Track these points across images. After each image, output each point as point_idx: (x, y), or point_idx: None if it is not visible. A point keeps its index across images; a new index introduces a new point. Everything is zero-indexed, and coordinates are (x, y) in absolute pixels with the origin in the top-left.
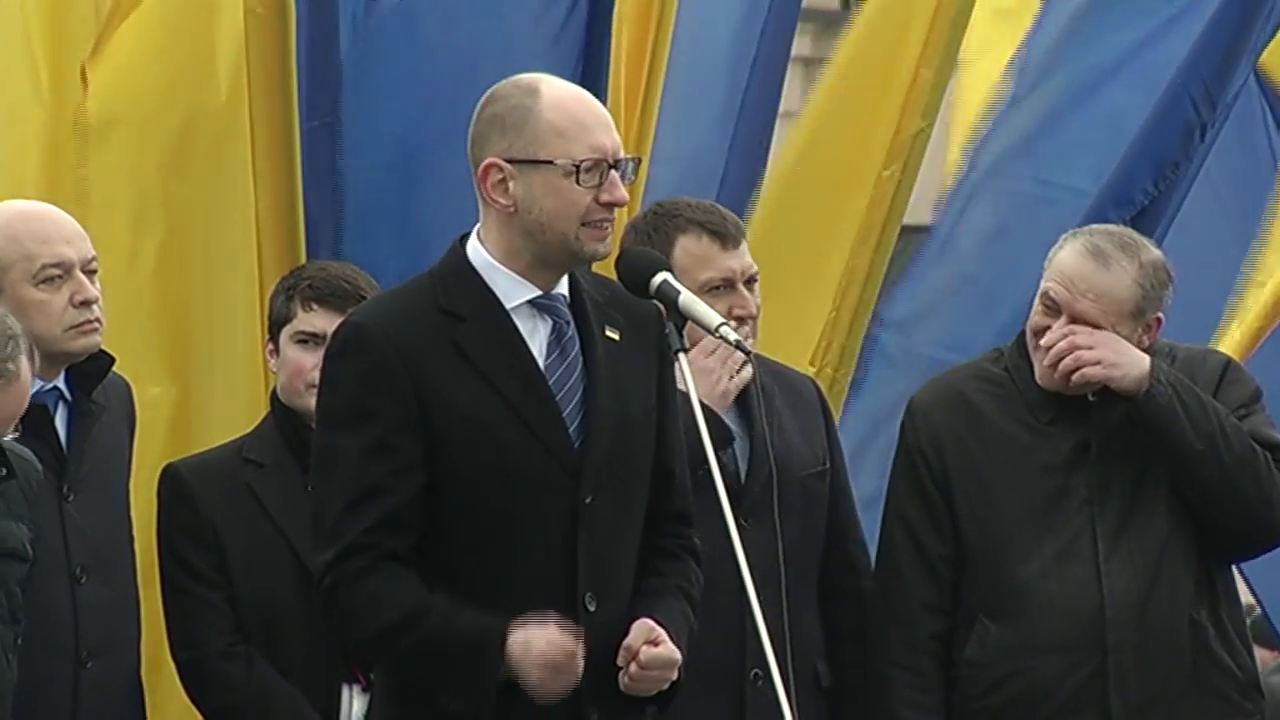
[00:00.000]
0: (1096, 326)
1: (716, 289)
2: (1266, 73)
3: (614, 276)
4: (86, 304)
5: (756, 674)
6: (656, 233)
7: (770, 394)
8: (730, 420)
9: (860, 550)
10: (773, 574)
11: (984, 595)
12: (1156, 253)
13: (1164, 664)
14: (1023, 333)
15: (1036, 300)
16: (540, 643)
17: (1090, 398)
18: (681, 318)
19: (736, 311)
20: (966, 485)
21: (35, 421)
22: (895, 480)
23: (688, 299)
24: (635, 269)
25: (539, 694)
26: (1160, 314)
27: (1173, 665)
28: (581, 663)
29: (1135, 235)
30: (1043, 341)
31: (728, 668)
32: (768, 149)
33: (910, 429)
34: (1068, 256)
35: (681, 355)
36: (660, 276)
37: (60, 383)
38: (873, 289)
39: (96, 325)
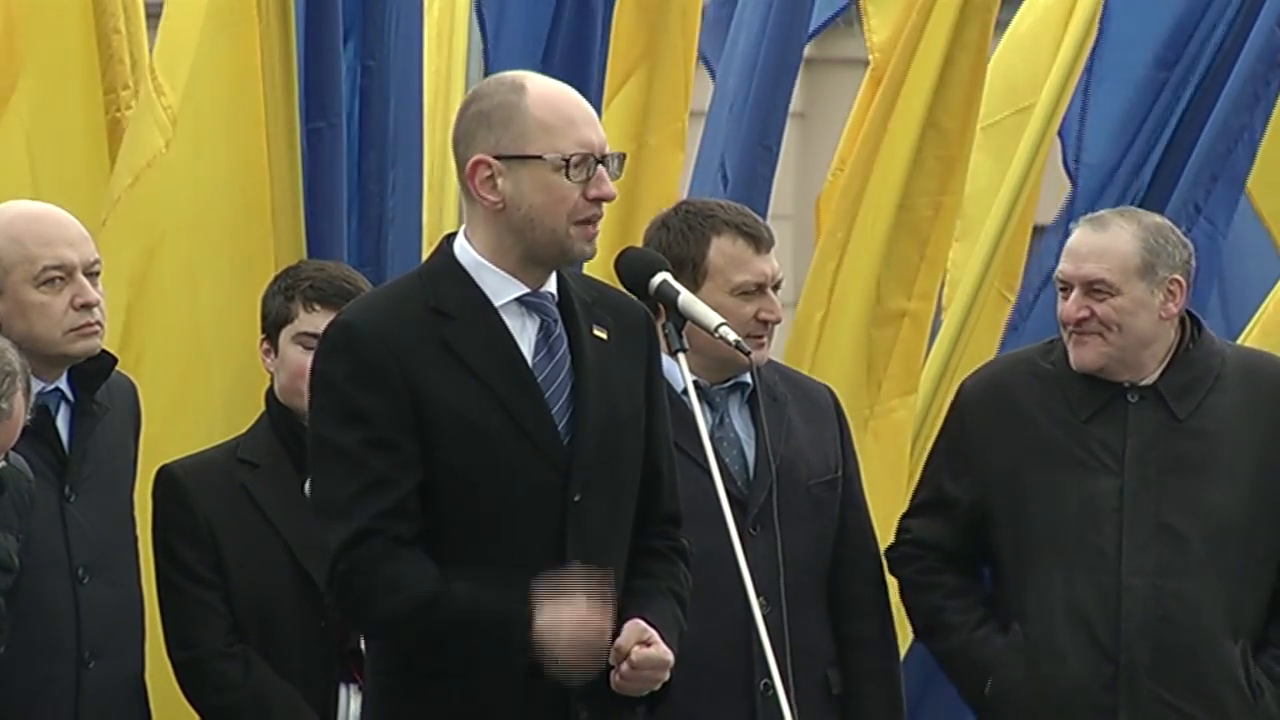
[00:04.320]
0: (1111, 292)
1: (749, 292)
2: None
3: (613, 275)
4: (87, 306)
5: (766, 684)
6: (691, 231)
7: (783, 401)
8: (738, 428)
9: (871, 560)
10: (780, 582)
11: (1015, 598)
12: (1161, 219)
13: (1180, 686)
14: None
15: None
16: (570, 623)
17: (1130, 399)
18: (681, 318)
19: (764, 315)
20: (1004, 488)
21: (37, 422)
22: (930, 463)
23: (687, 299)
24: (635, 269)
25: (567, 673)
26: (1178, 277)
27: (1190, 689)
28: (610, 638)
29: (1139, 209)
30: (1060, 313)
31: (737, 677)
32: (776, 152)
33: (959, 424)
34: (1071, 236)
35: (681, 355)
36: (660, 276)
37: (62, 383)
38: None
39: (97, 328)
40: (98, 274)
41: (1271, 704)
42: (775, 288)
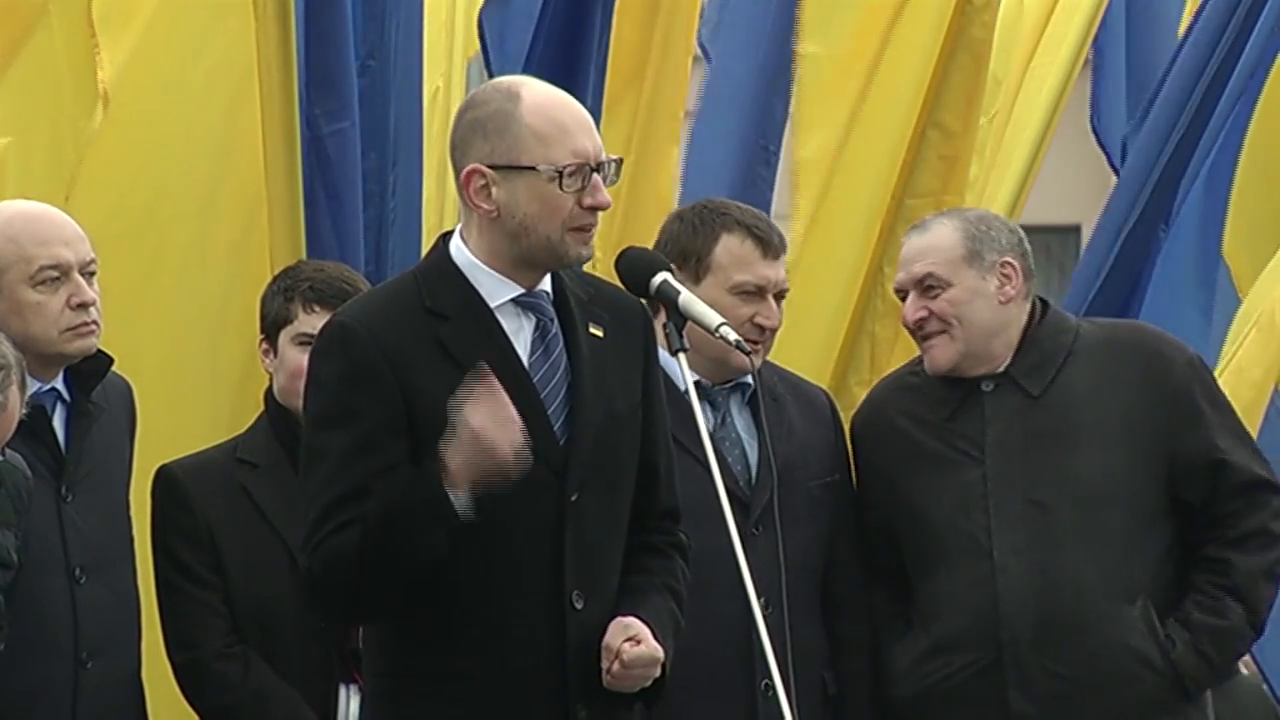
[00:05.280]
0: (941, 285)
1: (747, 293)
2: None
3: (614, 275)
4: (84, 306)
5: (767, 684)
6: (702, 225)
7: (783, 402)
8: (740, 428)
9: (861, 564)
10: (781, 582)
11: (915, 601)
12: (987, 212)
13: (1071, 660)
14: None
15: None
16: (472, 429)
17: (984, 388)
18: (681, 317)
19: (760, 320)
20: (892, 503)
21: (33, 422)
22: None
23: (687, 299)
24: (635, 268)
25: (494, 464)
26: (1010, 259)
27: (1082, 662)
28: (511, 408)
29: (963, 209)
30: (902, 320)
31: (738, 677)
32: (776, 152)
33: (854, 457)
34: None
35: (681, 355)
36: (660, 276)
37: (59, 384)
38: None
39: (93, 328)
40: (94, 273)
41: (1187, 655)
42: (778, 296)
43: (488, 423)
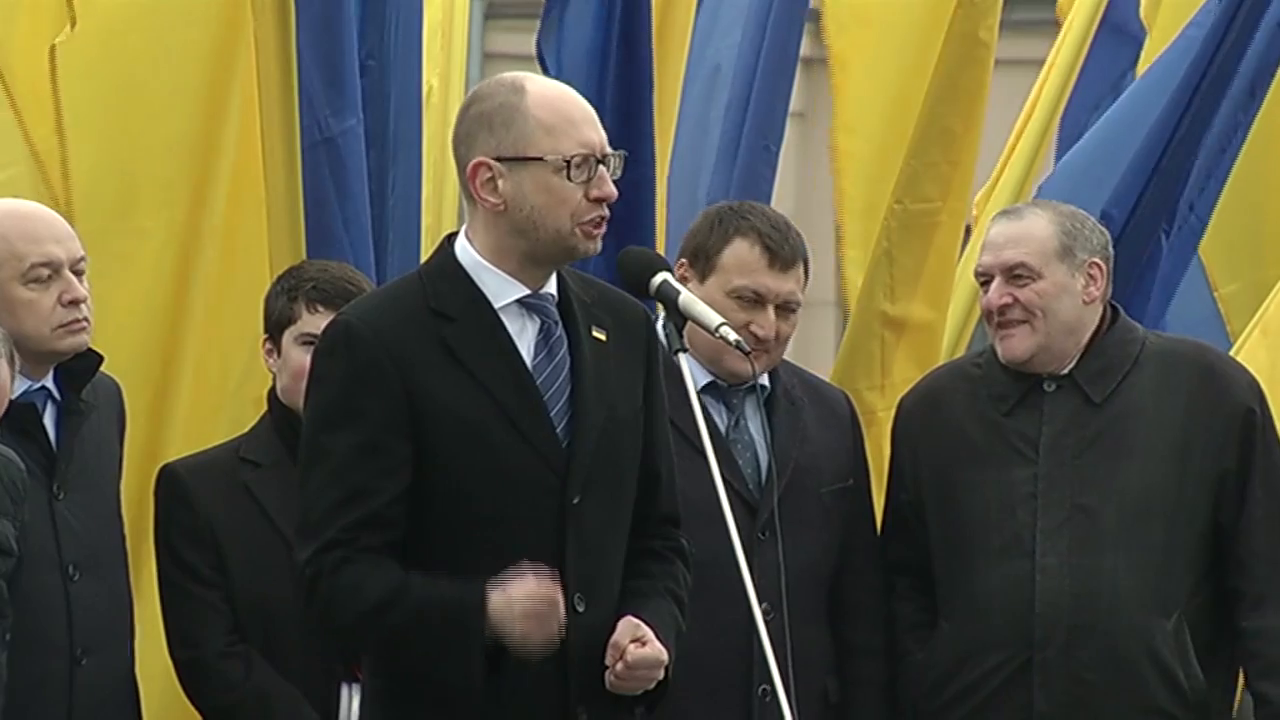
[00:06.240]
0: (1032, 276)
1: (745, 299)
2: None
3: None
4: (75, 303)
5: (765, 690)
6: (720, 225)
7: (800, 406)
8: (753, 430)
9: (877, 570)
10: (787, 588)
11: (943, 596)
12: (1076, 208)
13: (1096, 665)
14: None
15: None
16: (521, 596)
17: (1046, 388)
18: (681, 318)
19: (754, 329)
20: (933, 491)
21: (24, 421)
22: (887, 481)
23: (687, 299)
24: (635, 268)
25: (525, 648)
26: (1098, 261)
27: (1106, 667)
28: (562, 609)
29: (1053, 201)
30: (984, 304)
31: (735, 681)
32: (776, 152)
33: (895, 438)
34: (989, 230)
35: (681, 355)
36: (660, 276)
37: (49, 382)
38: None
39: (85, 325)
40: (84, 271)
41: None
42: (783, 308)
43: (539, 602)
